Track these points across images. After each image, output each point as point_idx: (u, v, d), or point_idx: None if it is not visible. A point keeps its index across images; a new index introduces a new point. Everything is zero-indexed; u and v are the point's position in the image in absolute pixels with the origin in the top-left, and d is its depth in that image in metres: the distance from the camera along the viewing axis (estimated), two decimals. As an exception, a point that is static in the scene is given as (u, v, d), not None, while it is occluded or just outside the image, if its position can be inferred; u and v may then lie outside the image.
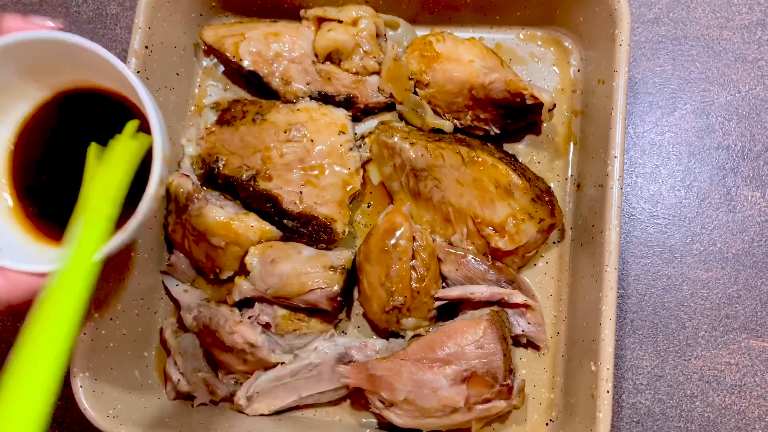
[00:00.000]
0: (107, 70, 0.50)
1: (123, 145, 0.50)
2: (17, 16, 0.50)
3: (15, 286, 0.48)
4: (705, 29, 0.74)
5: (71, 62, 0.52)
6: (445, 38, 0.70)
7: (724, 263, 0.70)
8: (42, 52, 0.50)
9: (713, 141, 0.72)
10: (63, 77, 0.55)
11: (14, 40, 0.49)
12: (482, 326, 0.63)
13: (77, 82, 0.56)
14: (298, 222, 0.69)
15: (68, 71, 0.54)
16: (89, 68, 0.52)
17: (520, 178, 0.65)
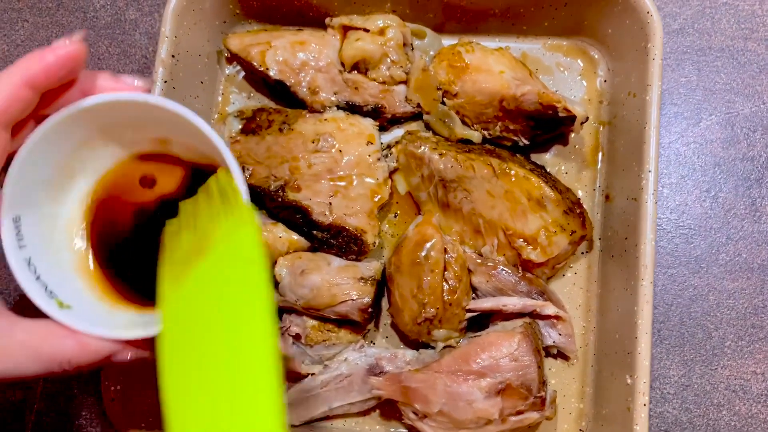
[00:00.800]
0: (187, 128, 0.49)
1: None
2: (108, 75, 0.49)
3: (86, 350, 0.46)
4: (730, 40, 0.75)
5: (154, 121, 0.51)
6: (474, 48, 0.70)
7: (749, 273, 0.71)
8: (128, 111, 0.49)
9: (738, 152, 0.73)
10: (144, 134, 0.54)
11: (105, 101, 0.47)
12: (516, 339, 0.63)
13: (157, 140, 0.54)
14: (328, 233, 0.69)
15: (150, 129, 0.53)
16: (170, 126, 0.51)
17: (552, 190, 0.66)
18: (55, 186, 0.52)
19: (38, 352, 0.45)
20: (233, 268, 0.40)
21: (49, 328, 0.47)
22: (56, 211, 0.53)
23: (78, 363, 0.46)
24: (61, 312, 0.47)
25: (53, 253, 0.52)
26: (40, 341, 0.46)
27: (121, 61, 0.82)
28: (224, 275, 0.41)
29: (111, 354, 0.47)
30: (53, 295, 0.49)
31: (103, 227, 0.55)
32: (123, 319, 0.51)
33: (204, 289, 0.42)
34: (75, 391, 0.75)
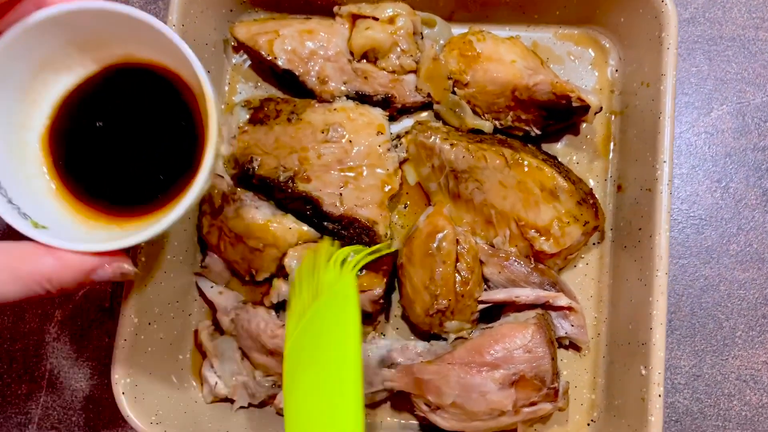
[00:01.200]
0: (153, 38, 0.48)
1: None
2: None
3: (66, 266, 0.46)
4: (741, 29, 0.75)
5: (117, 34, 0.50)
6: (485, 37, 0.70)
7: (761, 264, 0.70)
8: (86, 23, 0.48)
9: (749, 142, 0.73)
10: (108, 51, 0.53)
11: (57, 12, 0.47)
12: (530, 330, 0.63)
13: (122, 57, 0.53)
14: (339, 224, 0.69)
15: (113, 44, 0.52)
16: (137, 41, 0.51)
17: (566, 180, 0.65)
18: (19, 113, 0.51)
19: (17, 272, 0.45)
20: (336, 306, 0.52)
21: (27, 247, 0.46)
22: (23, 137, 0.52)
23: (59, 282, 0.46)
24: (37, 231, 0.47)
25: (25, 178, 0.51)
26: (19, 261, 0.45)
27: (124, 50, 0.80)
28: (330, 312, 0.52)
29: (92, 269, 0.47)
30: (27, 217, 0.48)
31: (72, 148, 0.54)
32: (102, 235, 0.51)
33: (316, 321, 0.53)
34: (82, 384, 0.74)
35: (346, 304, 0.50)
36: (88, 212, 0.53)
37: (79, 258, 0.47)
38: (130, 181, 0.54)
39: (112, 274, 0.48)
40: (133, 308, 0.65)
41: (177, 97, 0.53)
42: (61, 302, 0.75)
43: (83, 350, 0.75)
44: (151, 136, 0.54)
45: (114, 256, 0.48)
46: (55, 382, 0.74)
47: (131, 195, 0.54)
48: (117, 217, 0.53)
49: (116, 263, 0.48)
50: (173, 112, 0.53)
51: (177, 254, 0.70)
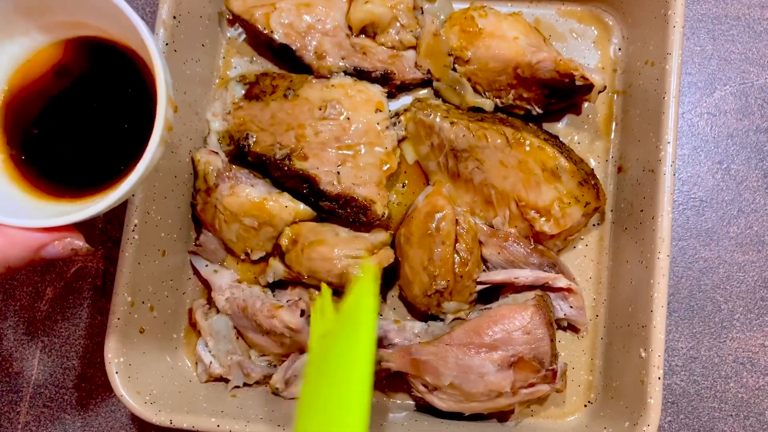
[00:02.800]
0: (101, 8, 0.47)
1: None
2: None
3: (14, 244, 0.45)
4: (746, 8, 0.73)
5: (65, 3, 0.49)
6: (487, 13, 0.68)
7: (760, 246, 0.70)
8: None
9: (752, 123, 0.72)
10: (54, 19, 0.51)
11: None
12: (530, 311, 0.62)
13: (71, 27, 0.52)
14: (336, 203, 0.68)
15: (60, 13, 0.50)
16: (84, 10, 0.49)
17: (567, 161, 0.64)
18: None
19: None
20: (353, 324, 0.54)
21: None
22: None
23: (6, 259, 0.45)
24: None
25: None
26: None
27: (116, 22, 0.78)
28: (348, 328, 0.55)
29: (40, 246, 0.46)
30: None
31: (21, 123, 0.52)
32: (51, 211, 0.50)
33: (335, 338, 0.55)
34: (74, 362, 0.73)
35: (362, 326, 0.53)
36: (39, 189, 0.52)
37: (27, 235, 0.45)
38: (84, 158, 0.53)
39: (62, 250, 0.47)
40: (127, 287, 0.64)
41: (132, 69, 0.51)
42: (53, 280, 0.74)
43: (75, 329, 0.74)
44: (106, 112, 0.53)
45: (63, 232, 0.47)
46: (47, 360, 0.73)
47: (85, 172, 0.52)
48: (70, 194, 0.51)
49: (66, 240, 0.47)
50: (128, 86, 0.52)
51: (171, 232, 0.69)
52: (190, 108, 0.70)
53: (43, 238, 0.46)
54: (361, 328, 0.52)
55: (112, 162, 0.51)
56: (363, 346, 0.51)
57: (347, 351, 0.52)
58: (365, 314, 0.53)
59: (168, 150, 0.67)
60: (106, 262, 0.74)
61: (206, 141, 0.72)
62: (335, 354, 0.54)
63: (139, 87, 0.51)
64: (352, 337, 0.53)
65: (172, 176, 0.68)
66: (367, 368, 0.50)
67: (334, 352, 0.54)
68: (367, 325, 0.52)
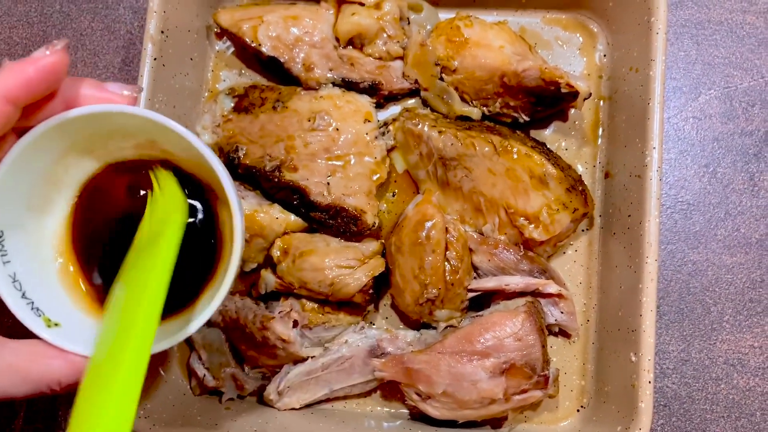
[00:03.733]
0: (175, 138, 0.47)
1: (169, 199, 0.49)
2: (93, 83, 0.46)
3: (76, 370, 0.45)
4: (728, 13, 0.74)
5: (141, 130, 0.49)
6: (472, 22, 0.69)
7: (747, 248, 0.71)
8: (114, 121, 0.47)
9: (737, 126, 0.73)
10: (130, 142, 0.51)
11: (90, 112, 0.45)
12: (520, 318, 0.63)
13: (142, 147, 0.52)
14: (327, 214, 0.68)
15: (137, 137, 0.51)
16: (158, 135, 0.49)
17: (555, 167, 0.65)
18: (38, 198, 0.50)
19: (26, 373, 0.44)
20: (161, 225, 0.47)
21: (37, 348, 0.45)
22: (41, 223, 0.51)
23: (68, 383, 0.45)
24: (49, 331, 0.46)
25: (39, 268, 0.50)
26: (29, 363, 0.44)
27: (104, 38, 0.79)
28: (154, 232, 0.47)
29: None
30: (40, 312, 0.47)
31: (89, 238, 0.52)
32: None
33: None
34: (68, 378, 0.73)
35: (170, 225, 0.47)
36: (100, 306, 0.51)
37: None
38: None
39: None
40: (119, 301, 0.64)
41: (199, 194, 0.52)
42: (45, 295, 0.74)
43: (68, 344, 0.74)
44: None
45: None
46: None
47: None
48: None
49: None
50: (195, 210, 0.52)
51: (162, 246, 0.69)
52: (180, 122, 0.69)
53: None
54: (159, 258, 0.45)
55: (180, 287, 0.49)
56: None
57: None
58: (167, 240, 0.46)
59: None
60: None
61: (196, 154, 0.72)
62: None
63: (208, 214, 0.52)
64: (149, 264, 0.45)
65: (163, 190, 0.69)
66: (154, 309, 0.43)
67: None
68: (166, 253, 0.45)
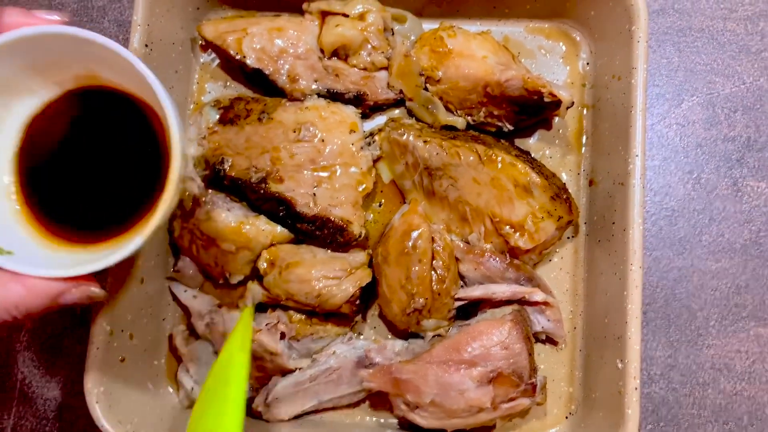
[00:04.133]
0: (116, 63, 0.48)
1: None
2: (18, 11, 0.47)
3: (33, 292, 0.46)
4: (709, 20, 0.75)
5: (79, 57, 0.50)
6: (456, 33, 0.69)
7: (732, 253, 0.71)
8: (47, 47, 0.48)
9: (719, 133, 0.73)
10: (70, 73, 0.53)
11: (16, 37, 0.46)
12: (507, 327, 0.63)
13: (85, 79, 0.53)
14: (313, 225, 0.68)
15: (75, 66, 0.52)
16: (97, 63, 0.50)
17: (539, 176, 0.65)
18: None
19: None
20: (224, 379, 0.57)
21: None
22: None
23: (26, 308, 0.46)
24: (3, 258, 0.47)
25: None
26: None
27: (89, 51, 0.79)
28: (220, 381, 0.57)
29: (59, 294, 0.47)
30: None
31: (38, 171, 0.53)
32: (68, 259, 0.51)
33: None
34: (55, 393, 0.73)
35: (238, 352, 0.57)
36: (54, 235, 0.53)
37: (46, 283, 0.47)
38: (96, 204, 0.54)
39: (80, 298, 0.48)
40: (105, 315, 0.64)
41: (142, 119, 0.53)
42: (31, 310, 0.74)
43: (55, 359, 0.73)
44: (116, 159, 0.55)
45: (81, 281, 0.48)
46: (27, 392, 0.73)
47: (97, 218, 0.54)
48: (83, 240, 0.52)
49: (83, 287, 0.48)
50: (138, 134, 0.53)
51: (149, 259, 0.69)
52: (165, 134, 0.71)
53: (62, 286, 0.47)
54: (230, 388, 0.54)
55: (125, 210, 0.53)
56: (231, 406, 0.53)
57: (220, 400, 0.55)
58: (236, 371, 0.55)
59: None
60: (85, 290, 0.74)
61: (182, 166, 0.72)
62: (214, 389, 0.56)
63: (150, 137, 0.53)
64: (222, 391, 0.55)
65: (149, 203, 0.69)
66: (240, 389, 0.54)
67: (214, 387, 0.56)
68: (236, 383, 0.55)
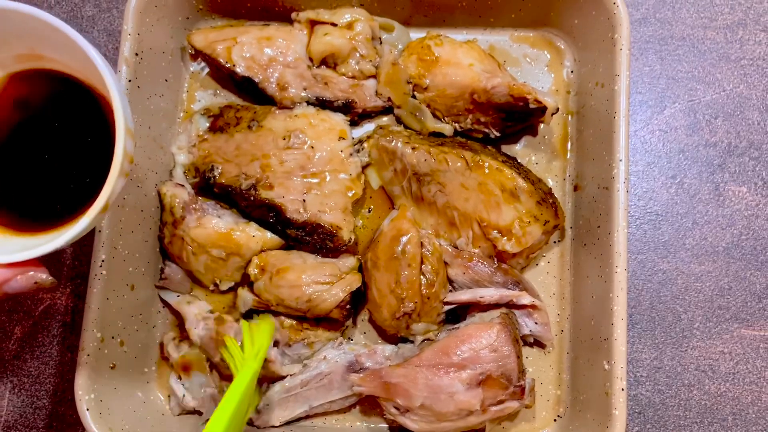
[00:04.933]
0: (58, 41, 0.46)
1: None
2: None
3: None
4: (690, 29, 0.77)
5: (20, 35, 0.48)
6: (442, 41, 0.70)
7: (715, 256, 0.73)
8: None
9: (701, 138, 0.75)
10: (11, 52, 0.51)
11: None
12: (495, 330, 0.63)
13: (27, 59, 0.51)
14: (303, 231, 0.69)
15: (16, 46, 0.50)
16: (40, 42, 0.49)
17: (525, 181, 0.66)
18: None
19: None
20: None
21: None
22: None
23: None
24: None
25: None
26: None
27: (79, 60, 0.79)
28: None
29: (2, 282, 0.45)
30: None
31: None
32: (12, 245, 0.49)
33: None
34: (45, 401, 0.73)
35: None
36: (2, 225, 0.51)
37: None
38: (43, 191, 0.52)
39: (26, 284, 0.47)
40: (96, 323, 0.64)
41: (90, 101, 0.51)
42: (20, 319, 0.74)
43: (45, 367, 0.73)
44: (64, 143, 0.53)
45: (26, 267, 0.47)
46: (16, 400, 0.73)
47: (44, 205, 0.52)
48: (30, 228, 0.51)
49: (29, 274, 0.47)
50: (86, 117, 0.52)
51: (139, 266, 0.69)
52: (155, 142, 0.71)
53: (5, 273, 0.46)
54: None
55: (74, 196, 0.51)
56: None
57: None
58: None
59: (134, 184, 0.68)
60: (75, 298, 0.74)
61: (172, 174, 0.73)
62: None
63: (99, 121, 0.51)
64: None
65: (139, 210, 0.69)
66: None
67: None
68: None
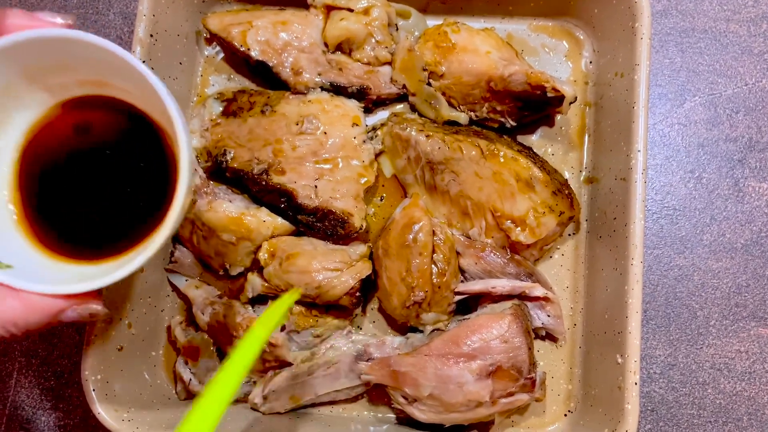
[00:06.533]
0: (122, 69, 0.46)
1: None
2: (22, 13, 0.45)
3: (32, 309, 0.44)
4: (712, 22, 0.75)
5: (83, 62, 0.47)
6: (459, 29, 0.69)
7: (733, 253, 0.71)
8: (50, 51, 0.46)
9: (721, 133, 0.73)
10: (73, 78, 0.50)
11: (18, 40, 0.44)
12: (507, 320, 0.62)
13: (90, 85, 0.51)
14: (314, 217, 0.68)
15: (79, 71, 0.50)
16: (102, 68, 0.48)
17: (541, 171, 0.65)
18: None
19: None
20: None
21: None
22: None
23: (25, 324, 0.44)
24: (2, 272, 0.45)
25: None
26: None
27: (94, 42, 0.79)
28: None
29: (59, 311, 0.45)
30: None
31: (38, 180, 0.51)
32: (70, 274, 0.49)
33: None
34: (52, 382, 0.72)
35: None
36: (55, 250, 0.51)
37: (46, 300, 0.44)
38: (99, 218, 0.52)
39: (80, 315, 0.46)
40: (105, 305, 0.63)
41: (149, 130, 0.51)
42: (30, 299, 0.74)
43: (53, 348, 0.73)
44: (122, 171, 0.52)
45: (82, 298, 0.46)
46: (23, 381, 0.73)
47: (100, 233, 0.52)
48: (85, 255, 0.50)
49: (85, 305, 0.46)
50: (145, 146, 0.51)
51: (149, 249, 0.69)
52: (168, 125, 0.71)
53: (63, 303, 0.45)
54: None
55: (129, 225, 0.50)
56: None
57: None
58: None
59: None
60: (84, 280, 0.74)
61: (184, 158, 0.72)
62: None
63: (157, 150, 0.51)
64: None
65: (150, 193, 0.69)
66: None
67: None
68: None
